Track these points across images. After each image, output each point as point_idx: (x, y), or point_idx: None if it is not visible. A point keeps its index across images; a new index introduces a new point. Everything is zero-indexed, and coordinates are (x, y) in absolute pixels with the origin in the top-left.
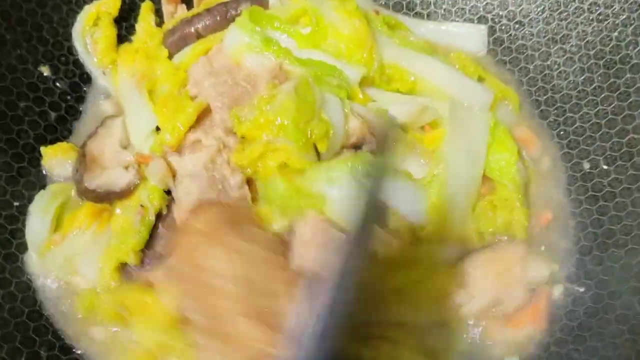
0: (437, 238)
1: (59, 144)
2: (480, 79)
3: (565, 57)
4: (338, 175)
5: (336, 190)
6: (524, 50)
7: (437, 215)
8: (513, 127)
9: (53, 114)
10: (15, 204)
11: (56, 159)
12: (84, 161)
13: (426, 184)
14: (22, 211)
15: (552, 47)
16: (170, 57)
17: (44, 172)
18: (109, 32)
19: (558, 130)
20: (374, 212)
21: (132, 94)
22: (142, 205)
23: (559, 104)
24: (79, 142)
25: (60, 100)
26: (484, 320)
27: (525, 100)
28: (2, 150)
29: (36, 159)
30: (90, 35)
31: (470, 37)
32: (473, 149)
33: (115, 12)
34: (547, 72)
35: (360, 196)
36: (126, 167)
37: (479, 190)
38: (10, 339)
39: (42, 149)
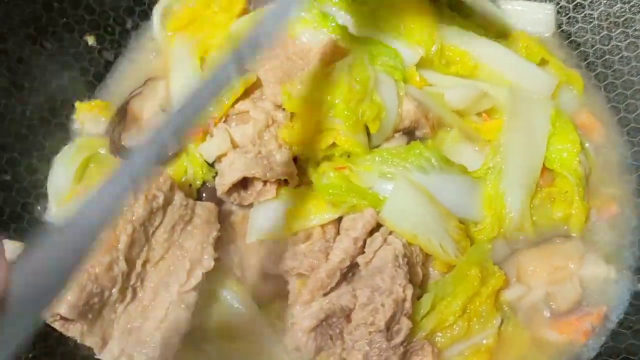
0: (492, 234)
1: (95, 101)
2: (544, 62)
3: (627, 42)
4: (392, 171)
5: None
6: (584, 34)
7: (492, 210)
8: (575, 113)
9: (97, 85)
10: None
11: (90, 114)
12: (124, 119)
13: (482, 176)
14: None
15: (614, 30)
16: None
17: (75, 126)
18: None
19: (619, 117)
20: None
21: (184, 57)
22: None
23: (619, 90)
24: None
25: (104, 71)
26: (533, 315)
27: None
28: (47, 121)
29: None
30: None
31: (535, 17)
32: (533, 140)
33: None
34: (607, 57)
35: None
36: None
37: (538, 182)
38: None
39: (77, 103)
